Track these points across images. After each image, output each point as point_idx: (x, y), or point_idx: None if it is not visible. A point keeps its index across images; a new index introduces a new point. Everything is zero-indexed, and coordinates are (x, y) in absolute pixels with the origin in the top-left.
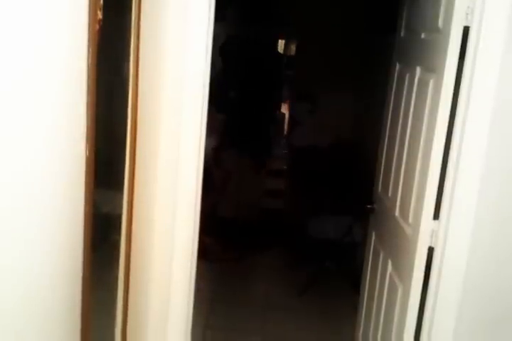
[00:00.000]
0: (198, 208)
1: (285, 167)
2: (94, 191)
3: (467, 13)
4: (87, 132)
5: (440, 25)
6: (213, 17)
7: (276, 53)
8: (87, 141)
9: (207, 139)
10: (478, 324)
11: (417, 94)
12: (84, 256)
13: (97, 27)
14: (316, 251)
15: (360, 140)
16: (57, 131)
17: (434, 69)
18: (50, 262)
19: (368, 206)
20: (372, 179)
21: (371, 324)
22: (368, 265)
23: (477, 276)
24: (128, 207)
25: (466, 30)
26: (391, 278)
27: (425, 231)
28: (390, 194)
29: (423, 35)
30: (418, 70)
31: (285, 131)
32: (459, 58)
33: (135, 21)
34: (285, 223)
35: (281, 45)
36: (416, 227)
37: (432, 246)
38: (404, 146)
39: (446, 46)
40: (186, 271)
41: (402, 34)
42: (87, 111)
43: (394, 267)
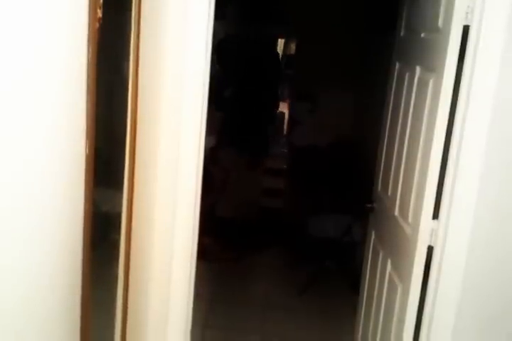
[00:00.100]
0: (198, 207)
1: (285, 166)
2: (93, 190)
3: (467, 13)
4: (87, 130)
5: (440, 24)
6: (213, 15)
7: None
8: (87, 140)
9: (206, 138)
10: (477, 322)
11: (417, 94)
12: (83, 255)
13: (97, 25)
14: (316, 251)
15: (359, 139)
16: (57, 130)
17: (434, 68)
18: (50, 262)
19: (368, 205)
20: (371, 178)
21: (370, 323)
22: (368, 264)
23: (476, 275)
24: (128, 206)
25: (466, 29)
26: (390, 277)
27: (425, 230)
28: (390, 193)
29: (423, 34)
30: (418, 70)
31: (285, 131)
32: (459, 57)
33: (135, 20)
34: (285, 222)
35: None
36: (415, 226)
37: (432, 245)
38: (403, 145)
39: (446, 45)
40: (186, 271)
41: (402, 33)
42: (87, 109)
43: (393, 266)
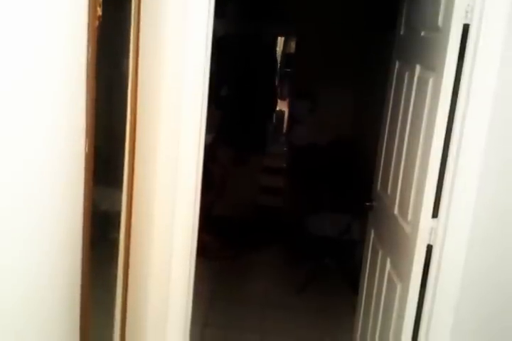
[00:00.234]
0: (198, 205)
1: (284, 165)
2: (93, 188)
3: (467, 11)
4: (87, 129)
5: (440, 23)
6: (213, 11)
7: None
8: (87, 138)
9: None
10: (476, 320)
11: (417, 92)
12: (83, 254)
13: (97, 23)
14: (315, 249)
15: (359, 138)
16: (56, 129)
17: (434, 67)
18: (49, 262)
19: (367, 203)
20: (371, 177)
21: (369, 322)
22: (367, 263)
23: (475, 273)
24: (127, 204)
25: (466, 28)
26: (390, 276)
27: (424, 229)
28: (389, 192)
29: (423, 33)
30: (418, 68)
31: (284, 129)
32: (459, 56)
33: (135, 17)
34: (284, 221)
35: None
36: (415, 225)
37: (431, 243)
38: (403, 144)
39: (446, 44)
40: (185, 269)
41: (402, 32)
42: (87, 107)
43: (393, 265)
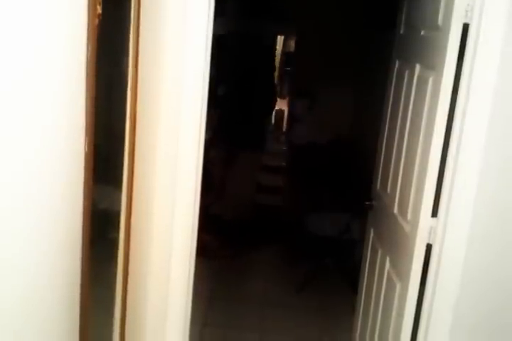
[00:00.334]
0: (197, 204)
1: (284, 164)
2: (93, 187)
3: (467, 11)
4: (86, 128)
5: (440, 22)
6: (213, 10)
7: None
8: (86, 137)
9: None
10: (475, 318)
11: (417, 91)
12: (82, 253)
13: (97, 22)
14: (315, 248)
15: (359, 137)
16: (56, 128)
17: (434, 66)
18: (48, 262)
19: (367, 203)
20: (371, 176)
21: (369, 320)
22: (367, 262)
23: (474, 272)
24: (127, 204)
25: (466, 27)
26: (389, 275)
27: (423, 228)
28: (389, 191)
29: (423, 32)
30: (417, 67)
31: (284, 128)
32: (459, 55)
33: (134, 15)
34: (284, 220)
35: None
36: (414, 224)
37: (430, 243)
38: (403, 143)
39: (445, 43)
40: (185, 268)
41: (402, 31)
42: (86, 106)
43: (392, 264)
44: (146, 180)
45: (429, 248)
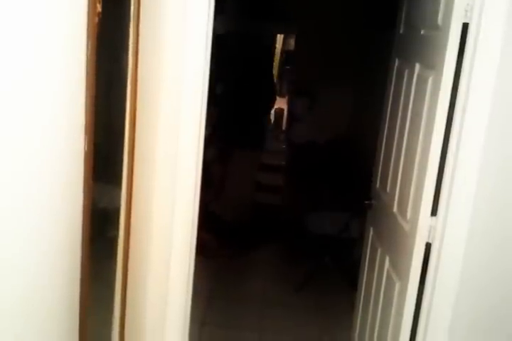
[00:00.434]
0: (197, 203)
1: (283, 162)
2: (92, 186)
3: (466, 10)
4: (86, 126)
5: (439, 21)
6: (213, 8)
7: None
8: (86, 136)
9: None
10: (474, 317)
11: (416, 90)
12: (82, 253)
13: (96, 20)
14: (314, 247)
15: (358, 136)
16: (56, 127)
17: (434, 65)
18: (48, 262)
19: (366, 202)
20: (370, 175)
21: (368, 319)
22: (366, 261)
23: (473, 270)
24: (126, 202)
25: (466, 26)
26: (388, 274)
27: (423, 227)
28: (389, 190)
29: (422, 31)
30: (417, 67)
31: (284, 127)
32: (458, 55)
33: (134, 13)
34: (283, 219)
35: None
36: (414, 223)
37: (430, 241)
38: (402, 142)
39: (445, 43)
40: (184, 267)
41: (402, 30)
42: (86, 105)
43: (391, 263)
44: (146, 178)
45: (428, 247)
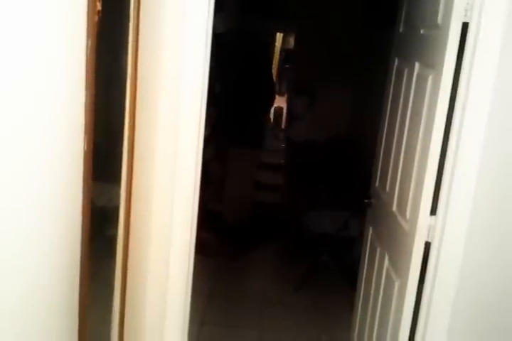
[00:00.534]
0: (197, 201)
1: (283, 161)
2: (92, 185)
3: (466, 10)
4: (86, 125)
5: (439, 21)
6: (213, 6)
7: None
8: (86, 135)
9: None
10: (473, 316)
11: (416, 90)
12: (82, 251)
13: (96, 18)
14: (314, 246)
15: (358, 135)
16: (56, 126)
17: (433, 64)
18: (48, 261)
19: (366, 200)
20: (370, 174)
21: (367, 318)
22: (365, 260)
23: (473, 269)
24: (126, 201)
25: (465, 26)
26: (388, 273)
27: (422, 226)
28: (388, 189)
29: (422, 30)
30: (417, 66)
31: (283, 125)
32: (458, 54)
33: (134, 12)
34: (283, 217)
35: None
36: (413, 222)
37: (429, 240)
38: (402, 141)
39: (445, 42)
40: (184, 266)
41: (402, 29)
42: (86, 104)
43: (391, 261)
44: (146, 177)
45: (427, 245)
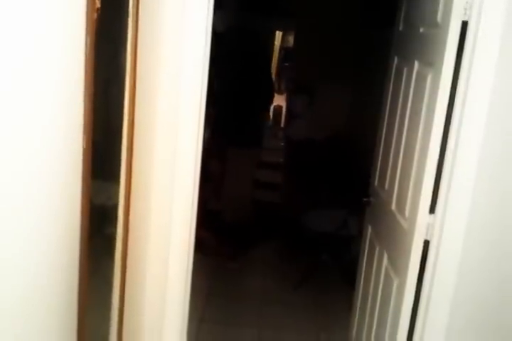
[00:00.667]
0: (196, 200)
1: (282, 160)
2: (91, 184)
3: (465, 8)
4: (85, 125)
5: (439, 19)
6: (213, 3)
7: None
8: (85, 133)
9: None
10: (471, 315)
11: (415, 88)
12: (81, 250)
13: (95, 16)
14: (313, 245)
15: (357, 133)
16: (55, 125)
17: (433, 63)
18: (47, 261)
19: (365, 199)
20: (369, 172)
21: (366, 316)
22: (364, 258)
23: (472, 265)
24: (125, 199)
25: (465, 25)
26: (387, 271)
27: (421, 224)
28: (387, 187)
29: (422, 29)
30: (416, 64)
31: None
32: (457, 53)
33: (133, 9)
34: (282, 216)
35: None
36: (412, 221)
37: (428, 239)
38: (401, 140)
39: (444, 40)
40: (183, 264)
41: (401, 28)
42: (85, 102)
43: (390, 260)
44: (145, 176)
45: (426, 244)
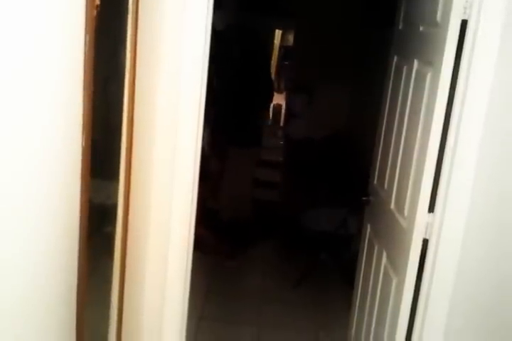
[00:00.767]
0: (195, 199)
1: (281, 158)
2: (90, 183)
3: (465, 7)
4: (84, 123)
5: (438, 18)
6: (212, 1)
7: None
8: (84, 132)
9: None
10: (470, 314)
11: (415, 87)
12: (80, 249)
13: (95, 13)
14: (312, 244)
15: (356, 132)
16: (54, 124)
17: (432, 62)
18: (47, 261)
19: (364, 198)
20: (368, 171)
21: (365, 315)
22: (363, 257)
23: (471, 264)
24: (124, 198)
25: (464, 23)
26: (386, 270)
27: (420, 223)
28: (386, 186)
29: (421, 28)
30: (416, 63)
31: (282, 123)
32: (457, 51)
33: (133, 6)
34: (281, 215)
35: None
36: (411, 220)
37: (427, 237)
38: (400, 139)
39: (444, 39)
40: (182, 263)
41: (401, 27)
42: (84, 101)
43: (389, 259)
44: (144, 174)
45: (425, 243)
